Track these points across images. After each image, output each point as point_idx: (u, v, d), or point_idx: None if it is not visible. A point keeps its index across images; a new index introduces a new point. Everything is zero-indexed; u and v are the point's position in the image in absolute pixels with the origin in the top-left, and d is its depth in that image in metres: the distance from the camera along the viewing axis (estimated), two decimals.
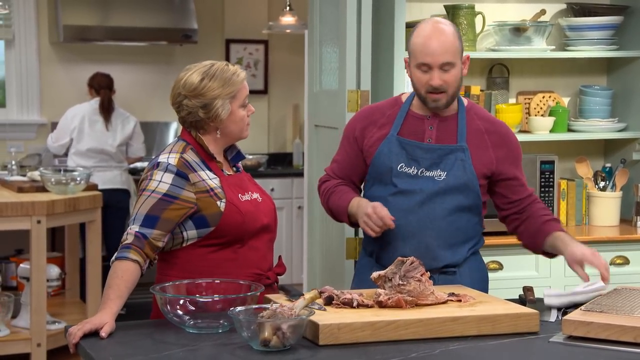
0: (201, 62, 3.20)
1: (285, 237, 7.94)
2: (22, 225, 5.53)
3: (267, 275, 3.23)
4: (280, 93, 8.57)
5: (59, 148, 7.27)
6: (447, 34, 3.29)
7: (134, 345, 2.78)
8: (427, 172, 3.36)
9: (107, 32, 7.75)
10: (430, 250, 3.37)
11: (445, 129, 3.39)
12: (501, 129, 3.44)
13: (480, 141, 3.38)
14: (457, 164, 3.35)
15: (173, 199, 3.07)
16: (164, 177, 3.09)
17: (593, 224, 5.00)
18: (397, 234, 3.38)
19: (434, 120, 3.41)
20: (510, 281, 4.41)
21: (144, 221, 3.05)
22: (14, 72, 7.85)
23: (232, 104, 3.15)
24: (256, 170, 7.99)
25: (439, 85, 3.30)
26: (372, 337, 2.77)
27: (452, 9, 4.81)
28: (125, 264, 2.99)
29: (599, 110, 5.05)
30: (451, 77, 3.30)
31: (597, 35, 4.97)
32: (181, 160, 3.12)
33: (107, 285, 2.97)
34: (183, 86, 3.14)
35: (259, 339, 2.66)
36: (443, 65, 3.28)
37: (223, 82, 3.12)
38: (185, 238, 3.13)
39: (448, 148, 3.37)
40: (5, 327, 5.70)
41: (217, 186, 3.15)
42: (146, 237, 3.03)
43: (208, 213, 3.11)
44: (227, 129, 3.19)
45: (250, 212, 3.16)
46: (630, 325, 2.74)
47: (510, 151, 3.43)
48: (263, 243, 3.23)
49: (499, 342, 2.81)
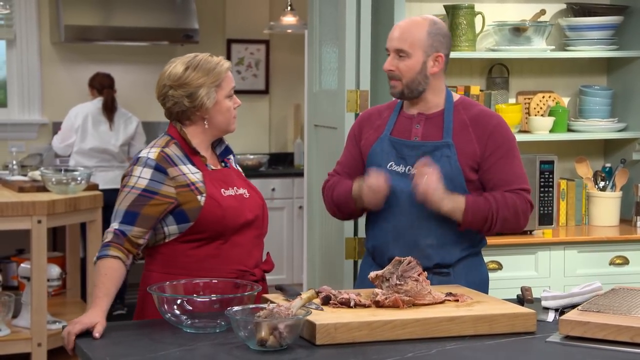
0: (185, 55, 3.22)
1: (286, 237, 7.95)
2: (23, 225, 5.53)
3: (252, 272, 3.22)
4: (282, 93, 8.57)
5: (65, 148, 7.28)
6: (413, 25, 3.37)
7: (131, 345, 2.79)
8: (414, 169, 3.36)
9: (108, 32, 7.75)
10: (421, 249, 3.37)
11: (432, 126, 3.41)
12: (487, 120, 3.40)
13: (465, 134, 3.38)
14: (443, 160, 3.35)
15: (152, 194, 3.09)
16: (143, 173, 3.11)
17: (593, 224, 5.00)
18: (389, 233, 3.42)
19: (420, 118, 3.44)
20: (510, 281, 4.41)
21: (124, 218, 3.08)
22: (15, 72, 7.85)
23: (217, 93, 3.17)
24: (257, 170, 8.00)
25: (388, 70, 3.38)
26: (369, 337, 2.77)
27: (451, 9, 4.81)
28: (107, 261, 3.01)
29: (598, 110, 5.05)
30: (404, 66, 3.35)
31: (597, 35, 4.97)
32: (161, 154, 3.14)
33: (94, 285, 3.00)
34: (168, 77, 3.17)
35: (256, 338, 2.67)
36: (398, 52, 3.35)
37: (207, 71, 3.15)
38: (166, 233, 3.14)
39: (433, 144, 3.38)
40: (6, 326, 5.70)
41: (199, 180, 3.15)
42: (125, 234, 3.05)
43: (188, 208, 3.11)
44: (214, 119, 3.19)
45: (232, 207, 3.16)
46: (626, 325, 2.74)
47: (495, 142, 3.37)
48: (248, 239, 3.22)
49: (495, 342, 2.81)
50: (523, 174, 3.42)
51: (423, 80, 3.37)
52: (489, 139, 3.37)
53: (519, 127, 4.91)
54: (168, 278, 3.07)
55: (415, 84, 3.38)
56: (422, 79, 3.37)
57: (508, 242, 4.59)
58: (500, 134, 3.39)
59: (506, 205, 3.34)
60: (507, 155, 3.38)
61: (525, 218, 3.41)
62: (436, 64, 3.38)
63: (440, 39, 3.38)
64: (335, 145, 4.60)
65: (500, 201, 3.34)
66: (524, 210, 3.38)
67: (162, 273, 3.14)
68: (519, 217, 3.37)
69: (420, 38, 3.34)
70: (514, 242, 4.60)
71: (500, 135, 3.39)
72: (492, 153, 3.36)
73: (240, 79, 8.45)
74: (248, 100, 8.50)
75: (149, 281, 3.15)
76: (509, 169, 3.38)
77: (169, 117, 3.24)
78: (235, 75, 8.42)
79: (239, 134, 8.40)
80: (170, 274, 3.11)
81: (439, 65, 3.38)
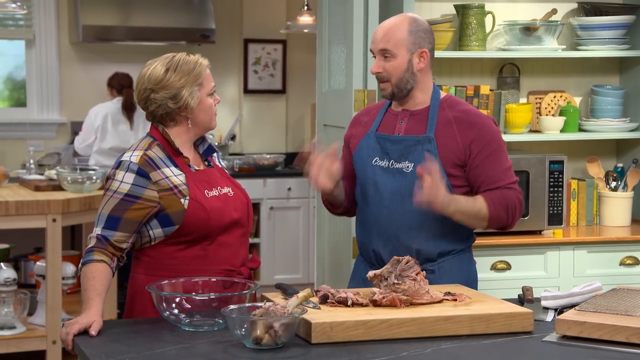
0: (160, 56, 3.20)
1: (302, 237, 7.96)
2: (38, 224, 5.57)
3: (239, 271, 3.22)
4: (298, 92, 8.58)
5: (86, 149, 7.33)
6: (394, 24, 3.41)
7: (128, 342, 2.80)
8: (396, 163, 3.42)
9: (126, 32, 7.80)
10: (403, 245, 3.41)
11: (416, 122, 3.45)
12: (472, 117, 3.43)
13: (448, 130, 3.41)
14: (424, 155, 3.37)
15: (135, 199, 3.08)
16: (125, 177, 3.10)
17: (604, 224, 4.97)
18: (372, 228, 3.46)
19: (405, 114, 3.48)
20: (518, 281, 4.38)
21: (107, 223, 3.07)
22: (34, 71, 7.92)
23: (200, 92, 3.17)
24: (273, 170, 8.02)
25: (376, 73, 3.42)
26: (365, 336, 2.77)
27: (461, 9, 4.81)
28: (92, 265, 3.02)
29: (610, 110, 5.02)
30: (391, 66, 3.40)
31: (608, 34, 4.95)
32: (143, 158, 3.12)
33: (83, 289, 3.00)
34: (148, 80, 3.15)
35: (252, 337, 2.67)
36: (382, 52, 3.40)
37: (188, 71, 3.14)
38: (152, 237, 3.14)
39: (414, 139, 3.42)
40: (22, 324, 5.74)
41: (182, 183, 3.14)
42: (107, 239, 3.06)
43: (172, 211, 3.11)
44: (197, 118, 3.19)
45: (216, 208, 3.15)
46: (622, 325, 2.73)
47: (480, 141, 3.39)
48: (234, 238, 3.21)
49: (491, 341, 2.81)
50: (509, 168, 3.45)
51: (411, 77, 3.42)
52: (475, 138, 3.40)
53: (529, 127, 4.90)
54: (155, 280, 3.06)
55: (403, 82, 3.42)
56: (410, 76, 3.42)
57: (517, 242, 4.58)
58: (486, 132, 3.41)
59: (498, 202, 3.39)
60: (494, 153, 3.41)
61: (519, 211, 3.44)
62: (422, 59, 3.42)
63: (422, 35, 3.42)
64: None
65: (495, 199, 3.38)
66: (514, 205, 3.41)
67: (150, 275, 3.13)
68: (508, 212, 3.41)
69: (403, 36, 3.39)
70: (523, 242, 4.59)
71: (486, 134, 3.41)
72: (479, 152, 3.39)
73: (257, 78, 8.47)
74: (265, 99, 8.53)
75: (137, 283, 3.16)
76: (496, 166, 3.41)
77: (151, 120, 3.22)
78: (252, 75, 8.45)
79: (256, 133, 8.54)
80: (157, 275, 3.11)
81: (424, 61, 3.43)
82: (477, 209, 3.36)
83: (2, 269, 5.74)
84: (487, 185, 3.39)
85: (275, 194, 7.90)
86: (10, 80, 8.20)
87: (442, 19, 4.75)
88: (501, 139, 3.46)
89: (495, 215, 3.38)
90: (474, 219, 3.39)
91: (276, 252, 7.88)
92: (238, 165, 7.86)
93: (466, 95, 4.72)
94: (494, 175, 3.39)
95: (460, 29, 4.82)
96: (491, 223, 3.41)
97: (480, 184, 3.40)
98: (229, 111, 8.30)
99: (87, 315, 2.92)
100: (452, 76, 4.89)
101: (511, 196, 3.40)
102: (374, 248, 3.46)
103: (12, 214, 5.49)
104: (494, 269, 4.54)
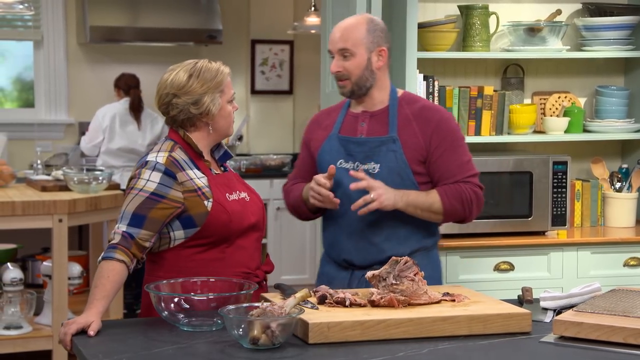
0: (182, 62, 3.25)
1: (309, 238, 7.95)
2: (44, 224, 5.58)
3: (255, 274, 3.25)
4: (306, 93, 8.58)
5: (92, 149, 7.35)
6: (350, 24, 3.47)
7: (126, 342, 2.81)
8: (362, 165, 3.47)
9: (134, 32, 7.82)
10: (373, 243, 3.46)
11: (377, 123, 3.50)
12: (429, 113, 3.49)
13: (409, 128, 3.46)
14: (389, 155, 3.44)
15: (160, 198, 3.10)
16: (152, 176, 3.12)
17: (608, 225, 4.96)
18: (342, 230, 3.51)
19: (365, 116, 3.53)
20: (521, 282, 4.36)
21: (132, 220, 3.08)
22: (42, 72, 7.95)
23: (221, 99, 3.22)
24: (280, 170, 8.02)
25: (336, 72, 3.47)
26: (362, 337, 2.78)
27: (465, 9, 4.80)
28: (112, 264, 3.02)
29: (615, 110, 5.01)
30: (351, 65, 3.45)
31: (613, 35, 4.94)
32: (169, 159, 3.15)
33: (94, 285, 3.00)
34: (171, 85, 3.19)
35: (248, 337, 2.68)
36: (342, 52, 3.44)
37: (210, 78, 3.19)
38: (172, 238, 3.16)
39: (378, 140, 3.47)
40: (28, 324, 5.76)
41: (205, 185, 3.17)
42: (133, 237, 3.06)
43: (195, 213, 3.13)
44: (218, 124, 3.24)
45: (237, 211, 3.19)
46: (620, 326, 2.73)
47: (438, 136, 3.44)
48: (251, 242, 3.25)
49: (488, 342, 2.82)
50: (467, 162, 3.50)
51: (370, 76, 3.46)
52: (433, 133, 3.45)
53: (533, 127, 4.89)
54: None
55: (363, 80, 3.46)
56: (369, 74, 3.46)
57: (520, 242, 4.57)
58: (444, 127, 3.47)
59: (452, 195, 3.44)
60: (451, 147, 3.46)
61: (476, 204, 3.48)
62: (380, 58, 3.47)
63: (379, 34, 3.47)
64: None
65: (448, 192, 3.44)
66: (469, 197, 3.45)
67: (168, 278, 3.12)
68: (464, 204, 3.45)
69: (362, 35, 3.44)
70: (526, 242, 4.59)
71: (444, 129, 3.46)
72: (437, 147, 3.44)
73: (264, 79, 8.48)
74: (272, 100, 8.53)
75: None
76: (454, 160, 3.46)
77: (171, 124, 3.26)
78: (259, 76, 8.46)
79: (263, 133, 8.55)
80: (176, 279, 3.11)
81: (383, 59, 3.48)
82: (429, 202, 3.42)
83: (9, 268, 5.76)
84: (445, 179, 3.46)
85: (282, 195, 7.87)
86: (19, 81, 8.23)
87: (445, 19, 4.75)
88: (459, 133, 3.52)
89: (450, 208, 3.44)
90: (427, 212, 3.45)
91: (283, 253, 7.88)
92: (245, 165, 7.87)
93: (470, 96, 4.71)
94: (452, 169, 3.46)
95: (464, 29, 4.81)
96: (447, 216, 3.48)
97: (438, 178, 3.47)
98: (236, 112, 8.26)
99: (86, 315, 2.92)
100: (456, 77, 4.89)
101: (466, 189, 3.45)
102: (344, 248, 3.51)
103: (19, 214, 5.51)
104: (497, 269, 4.54)
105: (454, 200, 3.44)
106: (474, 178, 3.49)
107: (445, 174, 3.45)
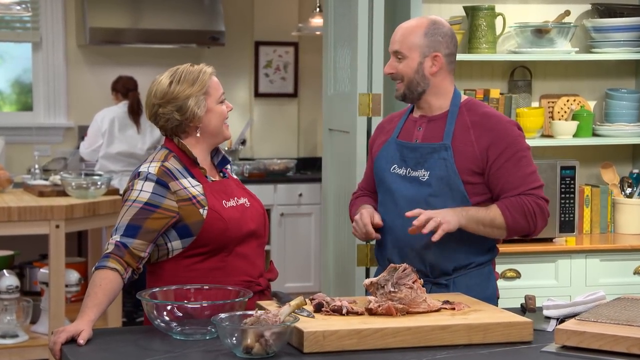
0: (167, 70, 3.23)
1: (314, 244, 7.84)
2: (41, 230, 5.52)
3: (257, 282, 3.20)
4: (310, 96, 8.48)
5: (92, 154, 7.28)
6: (409, 26, 3.39)
7: (117, 351, 2.76)
8: (413, 172, 3.35)
9: (134, 34, 7.75)
10: (418, 255, 3.33)
11: (433, 129, 3.37)
12: (490, 121, 3.33)
13: (465, 137, 3.31)
14: (439, 163, 3.30)
15: (154, 208, 3.07)
16: (145, 186, 3.10)
17: (618, 232, 4.86)
18: (388, 239, 3.39)
19: (423, 120, 3.42)
20: (528, 290, 4.25)
21: (126, 230, 3.05)
22: (41, 75, 7.87)
23: (207, 101, 3.16)
24: (285, 175, 7.92)
25: (389, 73, 3.40)
26: (359, 345, 2.70)
27: (471, 10, 4.71)
28: (104, 272, 2.99)
29: (625, 114, 4.91)
30: (403, 67, 3.36)
31: (623, 36, 4.84)
32: (161, 169, 3.13)
33: (86, 294, 2.98)
34: (155, 95, 3.18)
35: (242, 345, 2.62)
36: (396, 54, 3.37)
37: (192, 81, 3.15)
38: (170, 249, 3.13)
39: (430, 146, 3.34)
40: (24, 332, 5.69)
41: (200, 193, 3.14)
42: (126, 246, 3.03)
43: (190, 221, 3.10)
44: (207, 127, 3.19)
45: (234, 218, 3.14)
46: (623, 336, 2.65)
47: (498, 145, 3.28)
48: (251, 249, 3.20)
49: (488, 351, 2.74)
50: (531, 173, 3.32)
51: (422, 80, 3.35)
52: (491, 143, 3.29)
53: (541, 131, 4.79)
54: None
55: (414, 85, 3.35)
56: (420, 79, 3.35)
57: (527, 249, 4.47)
58: (504, 137, 3.30)
59: (514, 208, 3.27)
60: (513, 158, 3.29)
61: (541, 216, 3.31)
62: (434, 63, 3.34)
63: (438, 39, 3.34)
64: (348, 150, 4.51)
65: (510, 206, 3.27)
66: (532, 210, 3.29)
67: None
68: (527, 217, 3.29)
69: (417, 39, 3.34)
70: (533, 249, 4.49)
71: (504, 139, 3.30)
72: (497, 158, 3.28)
73: (268, 81, 8.39)
74: (276, 103, 8.45)
75: None
76: (515, 171, 3.29)
77: (165, 134, 3.24)
78: (263, 79, 8.37)
79: (266, 137, 8.46)
80: None
81: (437, 65, 3.34)
82: (490, 217, 3.26)
83: (5, 276, 5.71)
84: (506, 192, 3.29)
85: (286, 200, 7.79)
86: (17, 83, 8.16)
87: (451, 20, 4.65)
88: (522, 142, 3.34)
89: (512, 222, 3.27)
90: (489, 228, 3.28)
91: (287, 260, 7.77)
92: (248, 170, 7.77)
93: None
94: (513, 181, 3.28)
95: (469, 31, 4.72)
96: (511, 231, 3.31)
97: (499, 191, 3.30)
98: (239, 115, 8.22)
99: (77, 324, 2.88)
100: (462, 79, 4.79)
101: (528, 202, 3.27)
102: (388, 257, 3.37)
103: (15, 219, 5.46)
104: (503, 277, 4.44)
105: (517, 214, 3.26)
106: (538, 190, 3.31)
107: (507, 187, 3.28)
